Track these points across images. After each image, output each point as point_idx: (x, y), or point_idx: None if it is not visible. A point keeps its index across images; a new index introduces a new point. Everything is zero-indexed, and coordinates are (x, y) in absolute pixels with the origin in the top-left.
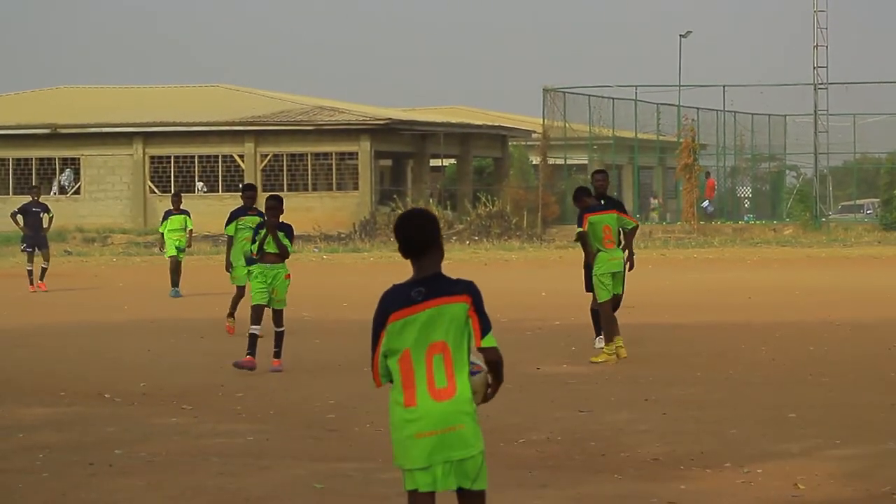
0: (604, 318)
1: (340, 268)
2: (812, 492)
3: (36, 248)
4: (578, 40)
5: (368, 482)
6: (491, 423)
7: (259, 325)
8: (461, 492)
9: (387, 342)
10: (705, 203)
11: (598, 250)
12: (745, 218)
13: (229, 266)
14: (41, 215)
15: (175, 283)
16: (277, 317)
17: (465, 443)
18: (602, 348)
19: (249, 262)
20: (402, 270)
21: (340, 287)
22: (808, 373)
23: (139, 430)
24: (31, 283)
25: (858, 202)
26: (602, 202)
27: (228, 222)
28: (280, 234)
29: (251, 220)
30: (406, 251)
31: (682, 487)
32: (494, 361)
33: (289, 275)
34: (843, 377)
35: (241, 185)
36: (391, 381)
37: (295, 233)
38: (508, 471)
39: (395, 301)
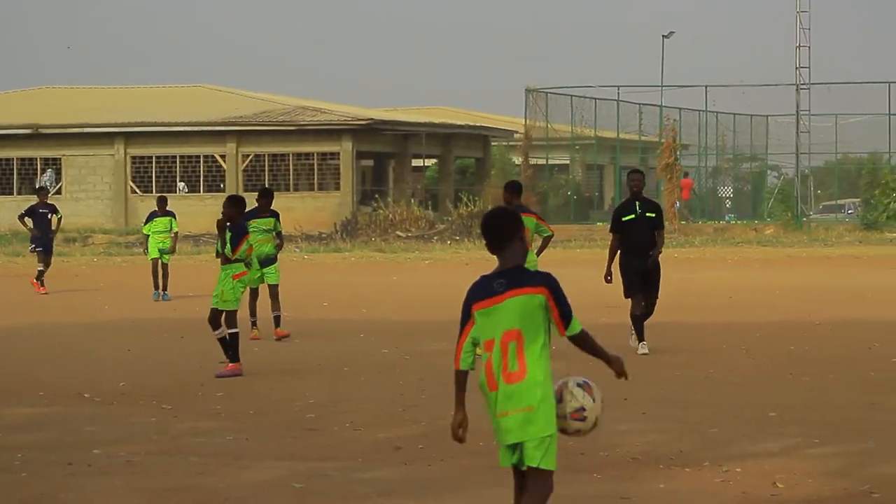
0: None
1: (321, 268)
2: (791, 490)
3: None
4: (561, 40)
5: (348, 482)
6: (470, 423)
7: (236, 327)
8: (528, 469)
9: (475, 331)
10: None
11: None
12: (727, 218)
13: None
14: (49, 216)
15: (157, 286)
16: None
17: (533, 427)
18: (643, 352)
19: (264, 263)
20: (384, 271)
21: (321, 287)
22: (789, 372)
23: (119, 430)
24: (42, 285)
25: (839, 202)
26: (637, 203)
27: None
28: (228, 236)
29: (264, 223)
30: (489, 247)
31: (662, 486)
32: (583, 343)
33: (237, 275)
34: (824, 376)
35: (223, 186)
36: (472, 369)
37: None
38: (488, 470)
39: (479, 292)
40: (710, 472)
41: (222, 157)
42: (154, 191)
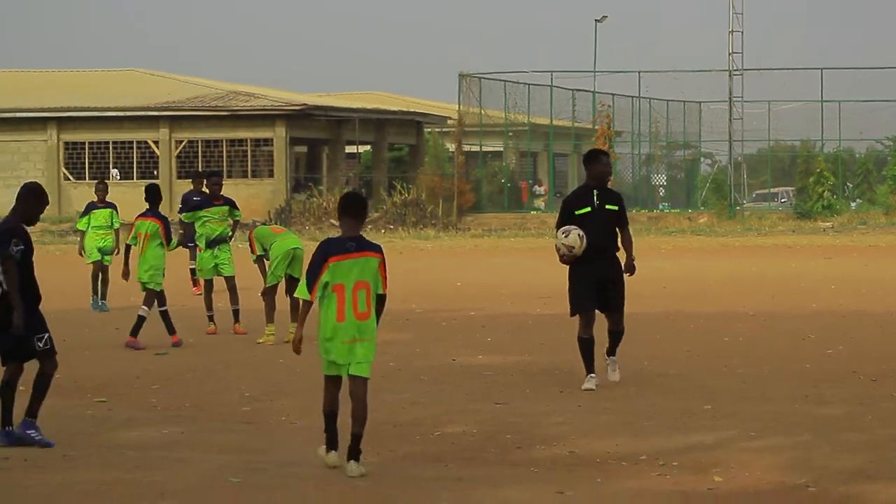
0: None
1: None
2: (728, 483)
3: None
4: (494, 26)
5: (284, 475)
6: (406, 414)
7: None
8: (353, 378)
9: (328, 275)
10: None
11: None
12: (660, 206)
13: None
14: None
15: (96, 292)
16: None
17: (368, 349)
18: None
19: (213, 243)
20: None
21: (255, 276)
22: (723, 364)
23: (54, 424)
24: (195, 284)
25: (773, 190)
26: (595, 192)
27: (186, 210)
28: None
29: (218, 211)
30: (346, 216)
31: (598, 480)
32: (382, 305)
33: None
34: (758, 368)
35: (156, 172)
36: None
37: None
38: (423, 463)
39: (334, 248)
40: (646, 465)
41: (155, 143)
42: (87, 177)
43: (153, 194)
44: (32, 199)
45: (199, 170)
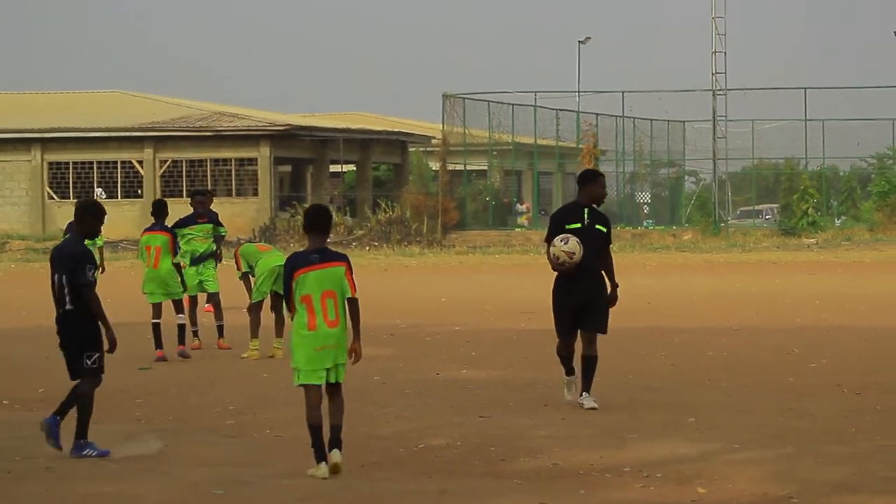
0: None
1: None
2: (711, 495)
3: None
4: (478, 45)
5: (268, 488)
6: (390, 428)
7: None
8: (329, 384)
9: (296, 288)
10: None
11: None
12: (645, 223)
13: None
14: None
15: None
16: None
17: (341, 355)
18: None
19: (198, 261)
20: None
21: (240, 293)
22: (707, 378)
23: (38, 437)
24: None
25: (757, 207)
26: (586, 211)
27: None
28: None
29: (202, 229)
30: (311, 230)
31: (582, 492)
32: (355, 307)
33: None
34: (742, 382)
35: (140, 192)
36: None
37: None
38: (408, 477)
39: (300, 262)
40: (630, 476)
41: (140, 162)
42: (72, 197)
43: (160, 208)
44: (90, 217)
45: (195, 189)
